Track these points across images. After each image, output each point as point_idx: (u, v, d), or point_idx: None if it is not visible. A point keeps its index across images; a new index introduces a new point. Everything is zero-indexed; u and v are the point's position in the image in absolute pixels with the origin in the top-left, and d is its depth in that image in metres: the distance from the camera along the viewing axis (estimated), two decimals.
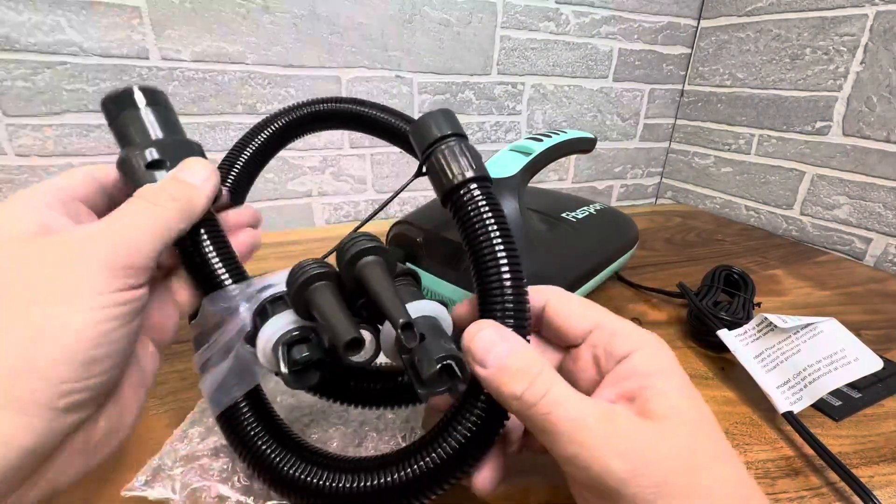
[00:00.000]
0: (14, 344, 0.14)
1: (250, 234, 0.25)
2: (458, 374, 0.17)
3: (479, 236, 0.19)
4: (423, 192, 0.71)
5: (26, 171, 0.51)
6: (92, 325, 0.15)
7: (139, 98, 0.21)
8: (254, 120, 0.57)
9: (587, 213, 0.43)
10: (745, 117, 0.73)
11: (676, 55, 0.80)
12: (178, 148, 0.21)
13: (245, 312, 0.19)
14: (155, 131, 0.21)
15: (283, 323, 0.18)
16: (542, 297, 0.21)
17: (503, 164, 0.37)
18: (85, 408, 0.15)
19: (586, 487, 0.16)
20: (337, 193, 0.66)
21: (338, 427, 0.25)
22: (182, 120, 0.24)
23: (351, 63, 0.60)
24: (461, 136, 0.23)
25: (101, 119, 0.51)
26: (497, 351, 0.17)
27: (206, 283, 0.20)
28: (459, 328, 0.20)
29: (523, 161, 0.37)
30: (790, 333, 0.31)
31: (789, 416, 0.28)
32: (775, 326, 0.32)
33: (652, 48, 0.77)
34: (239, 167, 0.28)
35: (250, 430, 0.19)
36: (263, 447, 0.19)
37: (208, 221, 0.20)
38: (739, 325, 0.34)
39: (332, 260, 0.20)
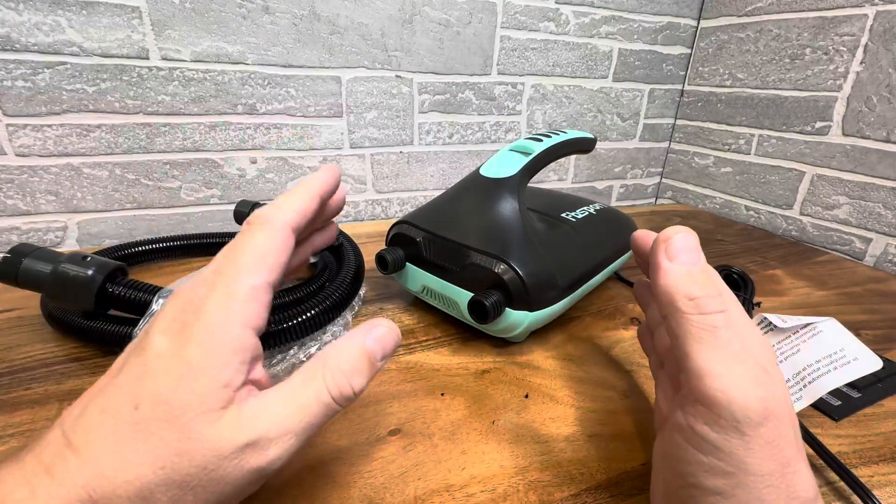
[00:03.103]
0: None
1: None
2: None
3: None
4: (423, 192, 0.71)
5: (26, 171, 0.51)
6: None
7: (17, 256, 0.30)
8: (254, 120, 0.58)
9: (587, 212, 0.43)
10: (744, 117, 0.73)
11: (676, 55, 0.80)
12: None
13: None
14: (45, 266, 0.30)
15: None
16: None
17: (503, 164, 0.37)
18: None
19: (703, 402, 0.16)
20: None
21: None
22: (182, 120, 0.24)
23: (351, 63, 0.60)
24: None
25: (101, 119, 0.51)
26: (692, 255, 0.18)
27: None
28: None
29: (523, 161, 0.37)
30: (789, 333, 0.31)
31: None
32: (775, 326, 0.32)
33: (652, 48, 0.77)
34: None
35: None
36: None
37: None
38: None
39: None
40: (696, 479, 0.16)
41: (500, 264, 0.32)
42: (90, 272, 0.30)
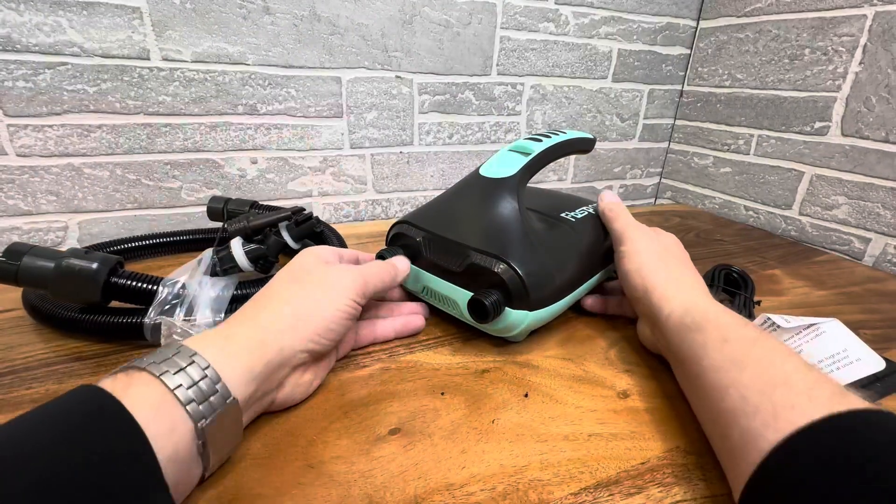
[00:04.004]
0: (309, 304, 0.28)
1: (418, 318, 0.37)
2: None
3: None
4: (423, 192, 0.71)
5: (27, 171, 0.51)
6: (336, 314, 0.28)
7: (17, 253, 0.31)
8: (254, 120, 0.58)
9: (586, 212, 0.43)
10: (744, 117, 0.73)
11: (676, 56, 0.80)
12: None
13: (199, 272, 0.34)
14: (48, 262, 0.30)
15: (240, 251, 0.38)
16: None
17: (502, 164, 0.37)
18: (308, 357, 0.27)
19: (621, 238, 0.37)
20: (337, 194, 0.67)
21: None
22: (183, 120, 0.25)
23: (351, 64, 0.60)
24: None
25: (101, 119, 0.52)
26: (613, 199, 0.41)
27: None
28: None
29: (522, 161, 0.37)
30: (793, 333, 0.31)
31: None
32: (778, 326, 0.32)
33: (651, 49, 0.78)
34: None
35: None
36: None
37: None
38: None
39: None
40: (629, 267, 0.34)
41: (500, 264, 0.32)
42: (95, 265, 0.30)
